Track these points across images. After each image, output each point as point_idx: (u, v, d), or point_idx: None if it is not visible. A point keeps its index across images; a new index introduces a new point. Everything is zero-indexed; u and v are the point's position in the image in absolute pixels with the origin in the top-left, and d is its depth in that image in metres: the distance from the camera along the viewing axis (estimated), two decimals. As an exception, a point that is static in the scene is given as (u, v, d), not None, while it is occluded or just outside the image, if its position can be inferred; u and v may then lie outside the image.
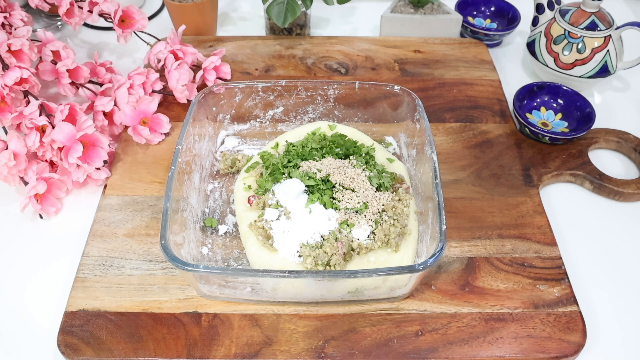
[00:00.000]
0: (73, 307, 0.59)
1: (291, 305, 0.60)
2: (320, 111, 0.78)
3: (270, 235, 0.60)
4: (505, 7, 1.00)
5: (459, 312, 0.60)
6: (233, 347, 0.57)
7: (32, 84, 0.74)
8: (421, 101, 0.70)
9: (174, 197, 0.59)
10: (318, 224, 0.59)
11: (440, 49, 0.94)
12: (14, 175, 0.70)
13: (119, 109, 0.76)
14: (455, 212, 0.69)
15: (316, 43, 0.95)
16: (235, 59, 0.91)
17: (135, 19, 0.85)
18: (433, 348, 0.57)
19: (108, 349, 0.56)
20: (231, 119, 0.78)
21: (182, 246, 0.59)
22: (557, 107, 0.83)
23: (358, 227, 0.59)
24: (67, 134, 0.68)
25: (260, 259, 0.59)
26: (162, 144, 0.78)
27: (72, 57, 0.79)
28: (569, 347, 0.57)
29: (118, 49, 0.97)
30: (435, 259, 0.53)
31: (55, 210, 0.70)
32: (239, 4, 1.10)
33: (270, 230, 0.60)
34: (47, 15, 1.01)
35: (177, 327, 0.58)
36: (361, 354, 0.56)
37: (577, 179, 0.75)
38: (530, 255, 0.65)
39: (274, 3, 0.87)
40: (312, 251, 0.57)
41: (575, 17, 0.83)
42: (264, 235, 0.60)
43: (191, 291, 0.61)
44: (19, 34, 0.77)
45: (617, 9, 1.04)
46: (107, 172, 0.72)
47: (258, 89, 0.75)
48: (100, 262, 0.63)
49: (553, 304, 0.60)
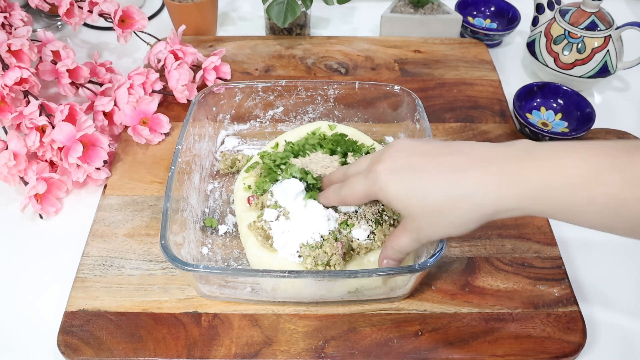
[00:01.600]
0: (73, 307, 0.59)
1: (291, 305, 0.60)
2: (320, 111, 0.78)
3: (270, 236, 0.60)
4: (505, 7, 1.00)
5: (459, 312, 0.60)
6: (233, 347, 0.57)
7: (32, 84, 0.74)
8: (421, 101, 0.70)
9: (174, 197, 0.59)
10: (317, 224, 0.59)
11: (440, 49, 0.94)
12: (14, 175, 0.70)
13: (119, 109, 0.76)
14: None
15: (316, 43, 0.95)
16: (235, 59, 0.91)
17: (135, 19, 0.85)
18: (433, 348, 0.57)
19: (108, 349, 0.56)
20: (231, 119, 0.78)
21: (182, 246, 0.59)
22: (557, 107, 0.83)
23: (358, 227, 0.59)
24: (67, 134, 0.68)
25: (259, 259, 0.59)
26: (162, 144, 0.78)
27: (72, 57, 0.79)
28: (569, 347, 0.57)
29: (118, 49, 0.97)
30: (435, 259, 0.53)
31: (55, 210, 0.70)
32: (239, 4, 1.10)
33: (270, 230, 0.60)
34: (47, 15, 1.01)
35: (177, 327, 0.58)
36: (361, 354, 0.56)
37: (577, 179, 0.75)
38: (530, 255, 0.65)
39: (274, 3, 0.87)
40: (312, 251, 0.57)
41: (575, 17, 0.83)
42: (263, 235, 0.60)
43: (191, 291, 0.61)
44: (19, 34, 0.77)
45: (617, 9, 1.04)
46: (107, 172, 0.72)
47: (258, 89, 0.75)
48: (100, 262, 0.63)
49: (553, 304, 0.60)
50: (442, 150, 0.48)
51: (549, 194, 0.42)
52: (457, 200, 0.45)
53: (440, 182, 0.46)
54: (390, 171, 0.48)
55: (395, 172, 0.48)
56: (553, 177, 0.42)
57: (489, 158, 0.45)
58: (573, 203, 0.41)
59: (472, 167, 0.45)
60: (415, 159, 0.48)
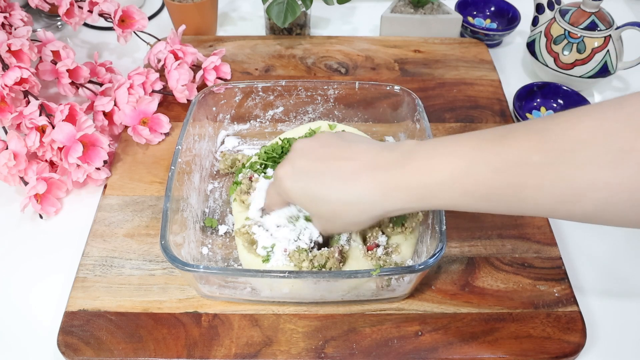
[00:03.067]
0: (73, 307, 0.59)
1: (291, 305, 0.60)
2: (320, 111, 0.78)
3: (255, 241, 0.59)
4: (505, 7, 1.00)
5: (459, 312, 0.60)
6: (233, 347, 0.57)
7: (32, 84, 0.74)
8: (421, 101, 0.70)
9: (174, 197, 0.59)
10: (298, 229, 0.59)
11: (440, 48, 0.94)
12: (14, 175, 0.70)
13: (119, 109, 0.76)
14: (455, 212, 0.68)
15: (316, 43, 0.95)
16: (235, 59, 0.91)
17: (135, 19, 0.85)
18: (433, 348, 0.57)
19: (108, 349, 0.56)
20: (231, 119, 0.78)
21: (182, 246, 0.59)
22: (557, 107, 0.83)
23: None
24: (67, 134, 0.68)
25: (250, 265, 0.60)
26: (162, 144, 0.78)
27: (72, 57, 0.79)
28: (569, 347, 0.57)
29: (118, 49, 0.97)
30: (435, 259, 0.53)
31: (55, 210, 0.70)
32: (239, 4, 1.10)
33: (254, 235, 0.59)
34: (47, 15, 1.01)
35: (177, 327, 0.58)
36: (361, 354, 0.56)
37: (577, 179, 0.75)
38: (530, 255, 0.65)
39: (274, 3, 0.87)
40: (306, 255, 0.57)
41: (575, 17, 0.83)
42: (248, 241, 0.60)
43: (191, 291, 0.61)
44: (19, 34, 0.77)
45: (617, 9, 1.04)
46: (107, 172, 0.72)
47: (258, 89, 0.75)
48: (100, 262, 0.63)
49: (553, 304, 0.60)
50: (336, 153, 0.52)
51: (428, 191, 0.47)
52: (349, 205, 0.50)
53: (332, 189, 0.50)
54: (289, 176, 0.53)
55: (294, 176, 0.53)
56: (431, 176, 0.46)
57: (377, 164, 0.49)
58: (450, 196, 0.46)
59: (361, 174, 0.49)
60: (312, 164, 0.52)
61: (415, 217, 0.60)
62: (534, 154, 0.41)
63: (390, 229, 0.60)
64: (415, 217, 0.60)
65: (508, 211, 0.45)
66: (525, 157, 0.41)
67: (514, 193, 0.43)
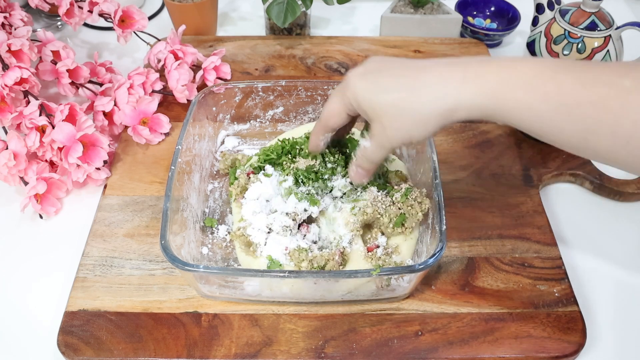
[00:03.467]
0: (73, 307, 0.59)
1: (291, 305, 0.60)
2: (320, 111, 0.78)
3: (251, 242, 0.60)
4: (505, 7, 1.00)
5: (459, 312, 0.60)
6: (233, 347, 0.57)
7: (32, 84, 0.74)
8: (421, 101, 0.70)
9: (174, 197, 0.59)
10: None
11: (440, 49, 0.94)
12: (14, 175, 0.70)
13: (119, 109, 0.76)
14: (455, 212, 0.69)
15: (316, 43, 0.95)
16: (235, 59, 0.91)
17: (135, 19, 0.85)
18: (433, 348, 0.57)
19: (108, 349, 0.56)
20: (231, 119, 0.78)
21: (182, 246, 0.59)
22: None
23: (336, 178, 0.61)
24: (67, 134, 0.68)
25: (248, 266, 0.60)
26: (162, 144, 0.78)
27: (72, 57, 0.79)
28: (569, 347, 0.57)
29: (118, 49, 0.97)
30: (435, 259, 0.53)
31: (55, 210, 0.70)
32: (239, 4, 1.10)
33: (250, 237, 0.60)
34: (47, 15, 1.01)
35: (177, 327, 0.58)
36: (361, 354, 0.56)
37: (577, 179, 0.75)
38: (530, 255, 0.65)
39: (274, 3, 0.87)
40: (305, 255, 0.57)
41: (575, 17, 0.83)
42: (245, 242, 0.60)
43: (191, 291, 0.61)
44: (19, 34, 0.77)
45: (617, 9, 1.04)
46: (107, 172, 0.72)
47: (258, 89, 0.75)
48: (100, 262, 0.63)
49: (553, 304, 0.60)
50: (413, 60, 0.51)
51: (507, 89, 0.44)
52: (418, 92, 0.47)
53: (404, 77, 0.48)
54: (359, 75, 0.51)
55: (364, 74, 0.51)
56: (511, 75, 0.44)
57: (453, 61, 0.48)
58: (528, 101, 0.43)
59: (437, 66, 0.48)
60: (386, 64, 0.51)
61: (415, 217, 0.60)
62: (625, 79, 0.41)
63: (390, 229, 0.60)
64: (415, 217, 0.60)
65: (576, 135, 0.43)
66: (617, 80, 0.42)
67: (595, 112, 0.42)
